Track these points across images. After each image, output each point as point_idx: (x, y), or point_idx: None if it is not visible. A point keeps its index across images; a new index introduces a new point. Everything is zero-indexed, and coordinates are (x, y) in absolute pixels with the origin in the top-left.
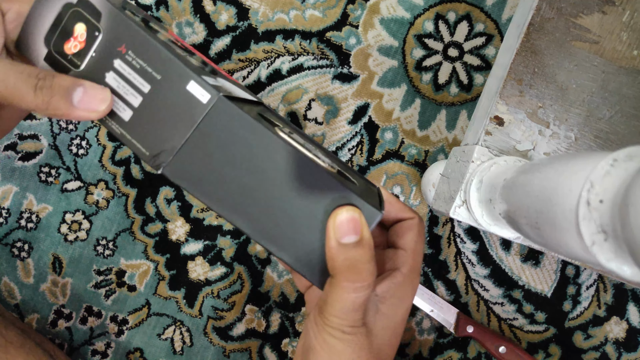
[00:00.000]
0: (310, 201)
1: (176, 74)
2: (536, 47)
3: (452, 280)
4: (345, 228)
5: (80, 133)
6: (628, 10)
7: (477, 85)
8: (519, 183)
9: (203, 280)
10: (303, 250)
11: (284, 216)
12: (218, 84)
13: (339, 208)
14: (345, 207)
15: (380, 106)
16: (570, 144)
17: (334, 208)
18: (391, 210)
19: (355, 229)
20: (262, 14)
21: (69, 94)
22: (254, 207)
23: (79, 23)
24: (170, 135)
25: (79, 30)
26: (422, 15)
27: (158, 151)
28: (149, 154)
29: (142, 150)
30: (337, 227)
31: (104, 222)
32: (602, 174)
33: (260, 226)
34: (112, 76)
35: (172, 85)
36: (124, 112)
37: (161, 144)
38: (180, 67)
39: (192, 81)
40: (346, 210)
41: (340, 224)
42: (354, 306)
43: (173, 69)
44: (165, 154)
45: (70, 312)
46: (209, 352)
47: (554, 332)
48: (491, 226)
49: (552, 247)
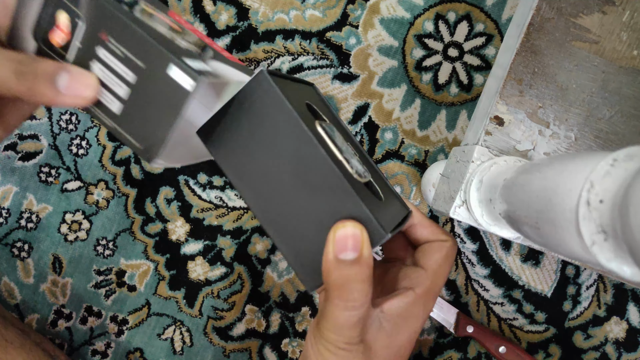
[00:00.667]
0: (318, 201)
1: (158, 59)
2: (536, 47)
3: (452, 280)
4: (344, 243)
5: (80, 133)
6: (628, 10)
7: (477, 85)
8: (519, 183)
9: (203, 280)
10: (303, 250)
11: (291, 208)
12: (205, 67)
13: (342, 221)
14: (350, 222)
15: (380, 106)
16: (570, 144)
17: (341, 215)
18: (423, 232)
19: (354, 246)
20: (262, 14)
21: (53, 79)
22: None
23: (61, 12)
24: (158, 125)
25: (62, 20)
26: (422, 15)
27: (150, 143)
28: (142, 148)
29: (135, 144)
30: (336, 241)
31: (104, 222)
32: (602, 174)
33: (268, 212)
34: (98, 67)
35: (155, 72)
36: (113, 104)
37: (152, 136)
38: (161, 51)
39: (172, 65)
40: (349, 225)
41: (340, 239)
42: (347, 324)
43: (154, 53)
44: (156, 147)
45: (70, 312)
46: (209, 352)
47: (554, 332)
48: (491, 226)
49: (552, 247)
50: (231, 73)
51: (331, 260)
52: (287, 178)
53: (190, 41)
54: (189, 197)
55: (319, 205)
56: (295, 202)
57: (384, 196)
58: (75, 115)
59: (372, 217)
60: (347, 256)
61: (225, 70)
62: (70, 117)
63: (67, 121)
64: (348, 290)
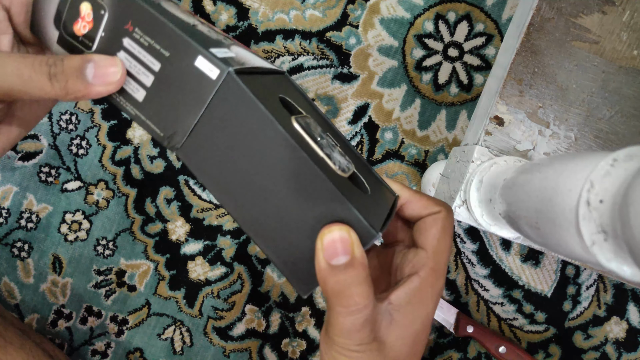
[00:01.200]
0: (305, 206)
1: (183, 49)
2: (536, 47)
3: (452, 280)
4: (334, 249)
5: (80, 133)
6: (628, 10)
7: (477, 85)
8: (519, 183)
9: (203, 280)
10: (291, 254)
11: (277, 215)
12: (230, 55)
13: (328, 226)
14: (336, 226)
15: (380, 106)
16: (570, 144)
17: (328, 219)
18: (414, 208)
19: (344, 250)
20: (262, 14)
21: (81, 73)
22: (251, 200)
23: (84, 2)
24: (183, 115)
25: (85, 10)
26: (422, 15)
27: (172, 132)
28: (163, 135)
29: (157, 131)
30: (325, 248)
31: (104, 222)
32: (602, 174)
33: (254, 220)
34: (124, 55)
35: (181, 62)
36: (137, 92)
37: (175, 125)
38: (187, 41)
39: (199, 56)
40: (336, 229)
41: (329, 245)
42: (354, 327)
43: (180, 43)
44: (179, 135)
45: (70, 312)
46: (209, 352)
47: (554, 332)
48: (491, 226)
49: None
50: (252, 58)
51: (324, 268)
52: (269, 184)
53: (210, 26)
54: (189, 197)
55: (305, 209)
56: (280, 208)
57: (369, 186)
58: (75, 115)
59: (361, 217)
60: (339, 261)
61: (249, 56)
62: (70, 117)
63: (67, 121)
64: (347, 296)
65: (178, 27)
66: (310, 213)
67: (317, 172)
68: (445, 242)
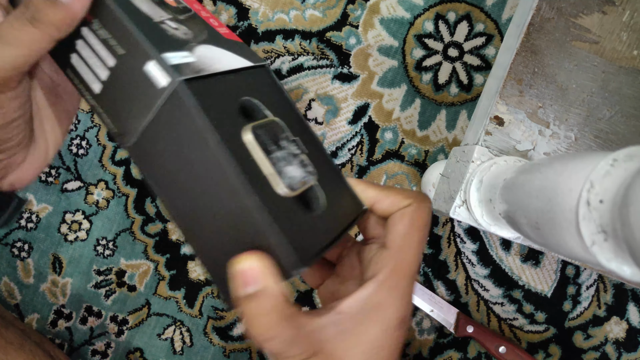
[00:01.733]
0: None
1: (137, 51)
2: (536, 47)
3: (452, 280)
4: (243, 278)
5: (80, 133)
6: (628, 10)
7: (477, 85)
8: (519, 183)
9: (203, 280)
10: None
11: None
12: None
13: (244, 254)
14: (250, 255)
15: (380, 106)
16: (570, 144)
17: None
18: (383, 206)
19: (253, 280)
20: (262, 14)
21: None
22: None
23: None
24: (135, 115)
25: None
26: (422, 15)
27: (124, 130)
28: (117, 131)
29: (112, 125)
30: (235, 277)
31: (104, 222)
32: (602, 174)
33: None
34: (81, 44)
35: (134, 62)
36: (94, 83)
37: (127, 123)
38: (140, 43)
39: (150, 62)
40: (247, 259)
41: (237, 274)
42: (276, 352)
43: (134, 44)
44: (130, 134)
45: (70, 312)
46: (209, 352)
47: (554, 332)
48: (491, 226)
49: (552, 247)
50: (224, 60)
51: (236, 297)
52: (205, 201)
53: (182, 19)
54: None
55: (232, 229)
56: (212, 225)
57: (330, 201)
58: (75, 115)
59: (288, 245)
60: (247, 291)
61: (217, 56)
62: None
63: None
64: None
65: (138, 25)
66: (236, 235)
67: (247, 194)
68: (413, 238)
